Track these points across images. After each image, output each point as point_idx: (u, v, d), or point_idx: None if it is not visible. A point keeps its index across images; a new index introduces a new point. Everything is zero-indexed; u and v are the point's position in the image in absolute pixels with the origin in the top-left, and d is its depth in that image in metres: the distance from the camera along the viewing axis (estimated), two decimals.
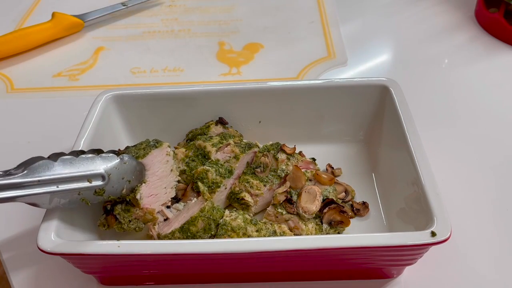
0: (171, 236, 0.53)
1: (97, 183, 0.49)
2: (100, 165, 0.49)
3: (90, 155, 0.49)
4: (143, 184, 0.53)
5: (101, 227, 0.54)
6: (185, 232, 0.53)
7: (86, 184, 0.48)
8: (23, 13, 1.02)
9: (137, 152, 0.54)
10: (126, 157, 0.51)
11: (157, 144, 0.56)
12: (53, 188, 0.46)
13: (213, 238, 0.53)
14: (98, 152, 0.51)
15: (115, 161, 0.50)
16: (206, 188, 0.57)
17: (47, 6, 1.03)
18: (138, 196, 0.52)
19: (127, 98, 0.64)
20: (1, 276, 0.59)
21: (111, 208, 0.53)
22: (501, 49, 0.86)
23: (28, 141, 0.73)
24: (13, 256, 0.57)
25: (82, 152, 0.51)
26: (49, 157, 0.48)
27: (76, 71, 0.87)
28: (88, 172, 0.48)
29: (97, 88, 0.82)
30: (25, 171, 0.45)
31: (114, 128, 0.64)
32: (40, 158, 0.47)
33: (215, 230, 0.54)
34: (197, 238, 0.53)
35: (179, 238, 0.53)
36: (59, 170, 0.47)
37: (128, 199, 0.52)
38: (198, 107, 0.65)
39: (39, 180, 0.45)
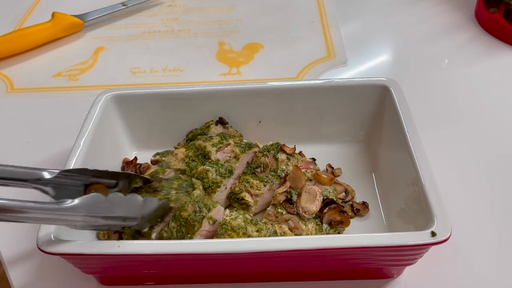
0: (166, 228, 0.53)
1: (130, 223, 0.50)
2: (140, 210, 0.50)
3: (135, 197, 0.49)
4: (162, 223, 0.54)
5: (101, 236, 0.55)
6: (178, 219, 0.53)
7: (120, 222, 0.49)
8: (23, 13, 1.02)
9: (169, 191, 0.54)
10: (163, 203, 0.53)
11: (189, 189, 0.56)
12: (92, 220, 0.45)
13: (211, 232, 0.53)
14: (131, 180, 0.53)
15: (153, 206, 0.52)
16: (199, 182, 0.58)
17: (47, 6, 1.03)
18: (153, 236, 0.53)
19: (127, 98, 0.64)
20: (1, 276, 0.59)
21: (122, 233, 0.55)
22: (501, 49, 0.86)
23: (28, 141, 0.73)
24: (13, 256, 0.57)
25: (100, 172, 0.51)
26: (80, 172, 0.48)
27: (76, 71, 0.87)
28: (127, 215, 0.49)
29: (97, 88, 0.82)
30: (76, 203, 0.43)
31: (114, 128, 0.64)
32: (98, 187, 0.48)
33: (207, 212, 0.54)
34: (190, 223, 0.52)
35: (173, 228, 0.53)
36: (107, 210, 0.46)
37: (142, 232, 0.54)
38: (198, 107, 0.65)
39: (85, 215, 0.44)
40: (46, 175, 0.46)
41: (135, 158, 0.58)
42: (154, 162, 0.60)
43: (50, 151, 0.70)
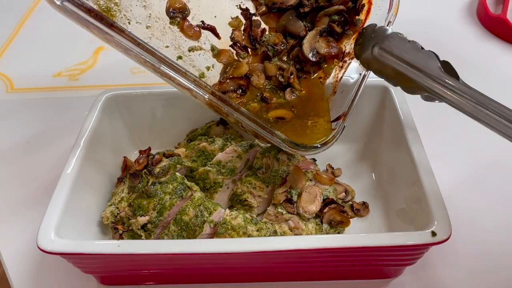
0: (167, 231, 0.53)
1: None
2: None
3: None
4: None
5: (105, 220, 0.56)
6: (179, 223, 0.53)
7: None
8: (24, 12, 1.02)
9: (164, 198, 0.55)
10: None
11: (183, 193, 0.55)
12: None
13: (211, 235, 0.53)
14: None
15: None
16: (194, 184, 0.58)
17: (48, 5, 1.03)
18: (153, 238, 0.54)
19: (127, 98, 0.64)
20: (1, 276, 0.59)
21: (122, 233, 0.55)
22: (504, 49, 0.86)
23: (28, 141, 0.73)
24: (13, 256, 0.57)
25: None
26: None
27: (76, 71, 0.87)
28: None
29: (97, 88, 0.82)
30: None
31: (114, 128, 0.64)
32: None
33: (208, 215, 0.54)
34: (192, 228, 0.53)
35: (174, 231, 0.53)
36: None
37: (140, 233, 0.54)
38: (199, 108, 0.65)
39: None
40: None
41: (149, 149, 0.58)
42: (168, 156, 0.59)
43: (50, 151, 0.70)
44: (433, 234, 0.45)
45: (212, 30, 0.52)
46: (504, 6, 0.88)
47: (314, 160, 0.64)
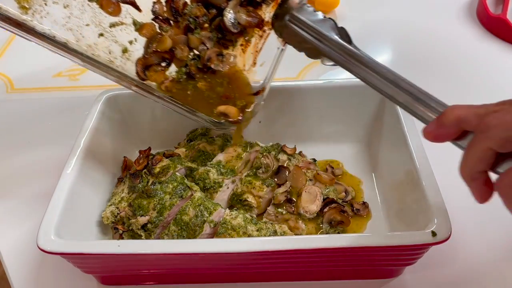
0: (167, 231, 0.53)
1: None
2: None
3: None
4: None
5: (105, 220, 0.56)
6: (179, 223, 0.53)
7: None
8: None
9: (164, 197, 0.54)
10: None
11: (183, 194, 0.55)
12: None
13: (211, 234, 0.53)
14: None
15: None
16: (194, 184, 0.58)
17: None
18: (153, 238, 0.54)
19: (127, 98, 0.64)
20: (1, 276, 0.59)
21: (122, 233, 0.55)
22: (504, 49, 0.86)
23: (28, 141, 0.73)
24: (13, 256, 0.57)
25: None
26: None
27: (76, 71, 0.87)
28: None
29: (97, 88, 0.81)
30: None
31: (114, 128, 0.64)
32: None
33: (208, 215, 0.54)
34: (192, 228, 0.53)
35: (174, 231, 0.53)
36: None
37: (140, 233, 0.54)
38: None
39: None
40: None
41: (149, 149, 0.58)
42: (168, 156, 0.60)
43: (50, 151, 0.70)
44: (433, 234, 0.45)
45: (132, 3, 0.51)
46: (504, 6, 0.88)
47: (314, 160, 0.64)
